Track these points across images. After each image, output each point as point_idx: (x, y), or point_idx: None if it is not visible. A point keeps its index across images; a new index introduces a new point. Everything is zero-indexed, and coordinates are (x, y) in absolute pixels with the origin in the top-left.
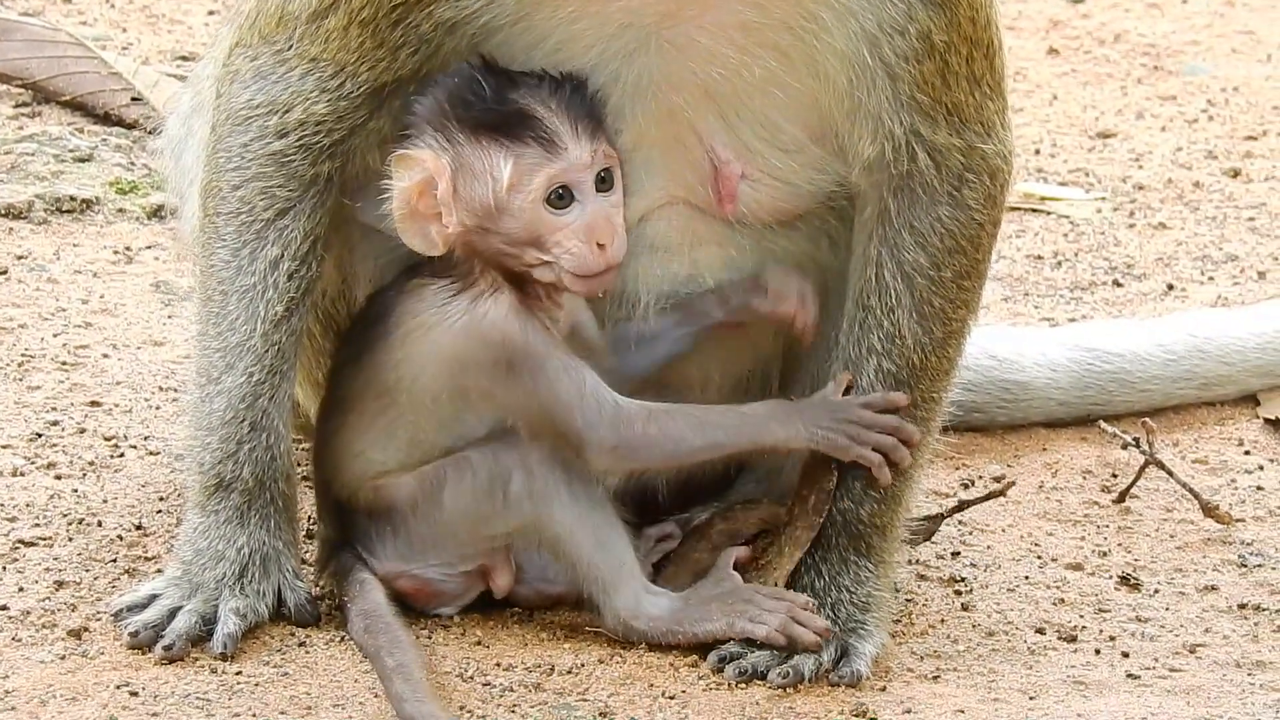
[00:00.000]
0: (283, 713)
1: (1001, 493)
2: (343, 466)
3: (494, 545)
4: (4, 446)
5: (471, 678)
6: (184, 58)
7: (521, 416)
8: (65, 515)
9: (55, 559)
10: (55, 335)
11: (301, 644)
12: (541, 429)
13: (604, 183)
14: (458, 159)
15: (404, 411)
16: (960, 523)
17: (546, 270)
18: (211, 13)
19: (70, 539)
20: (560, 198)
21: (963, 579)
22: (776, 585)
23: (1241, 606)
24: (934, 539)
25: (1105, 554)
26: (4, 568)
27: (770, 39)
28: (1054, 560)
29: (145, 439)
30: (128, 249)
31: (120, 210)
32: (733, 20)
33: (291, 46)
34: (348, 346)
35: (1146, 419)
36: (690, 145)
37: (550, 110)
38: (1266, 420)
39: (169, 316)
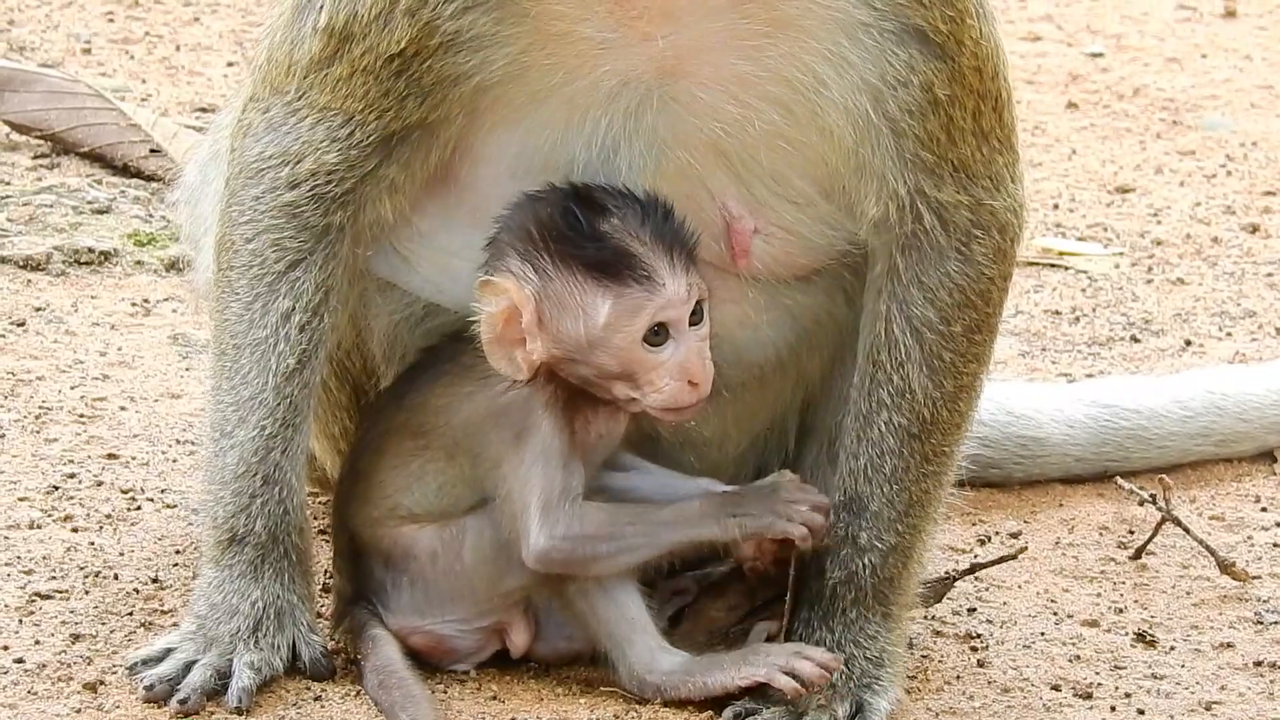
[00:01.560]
0: None
1: (1014, 556)
2: (369, 504)
3: (510, 601)
4: (21, 499)
5: None
6: (203, 109)
7: (504, 489)
8: (82, 568)
9: (71, 612)
10: (73, 387)
11: (317, 698)
12: (506, 508)
13: (695, 316)
14: (546, 290)
15: (435, 456)
16: (976, 579)
17: (631, 403)
18: (230, 64)
19: (86, 592)
20: (656, 334)
21: (978, 635)
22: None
23: (1258, 664)
24: (950, 595)
25: (1121, 610)
26: (20, 620)
27: (770, 93)
28: (1070, 617)
29: (162, 492)
30: (145, 301)
31: (138, 262)
32: (730, 74)
33: (302, 96)
34: (395, 385)
35: (1163, 475)
36: (702, 201)
37: (645, 244)
38: None
39: (186, 369)
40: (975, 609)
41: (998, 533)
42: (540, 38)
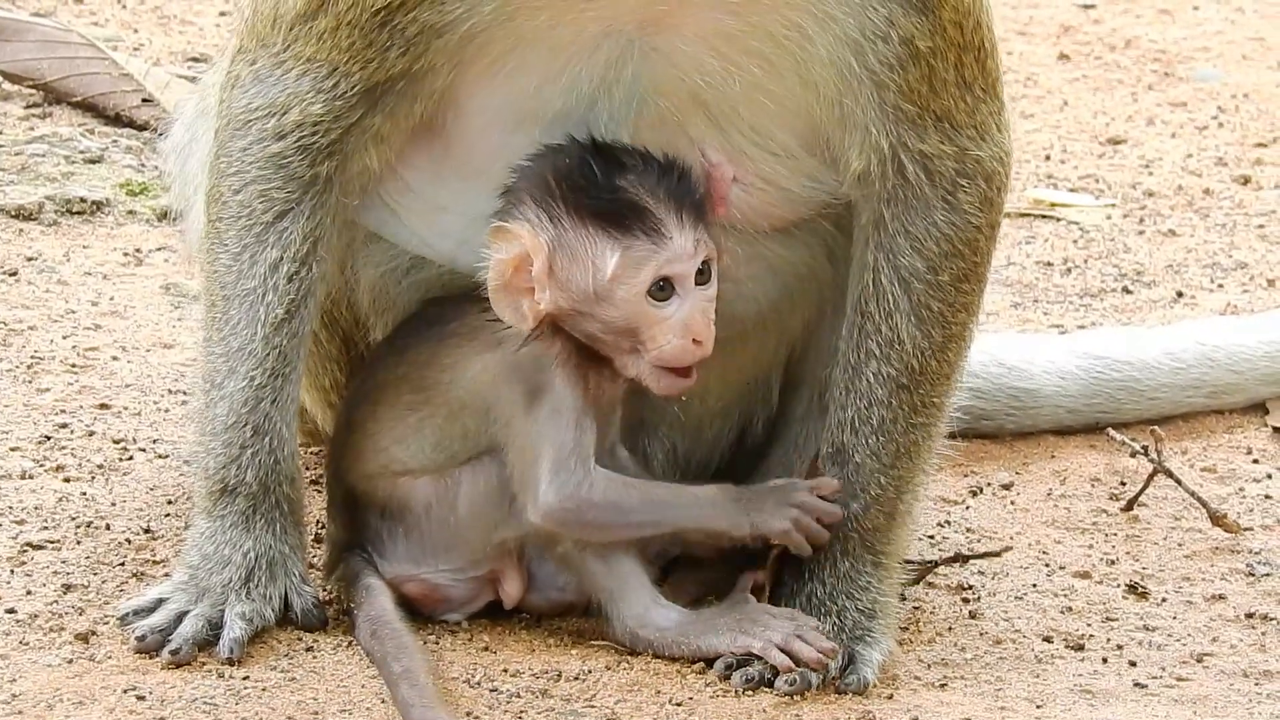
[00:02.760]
0: (289, 718)
1: (999, 554)
2: (364, 457)
3: (504, 551)
4: (13, 449)
5: (478, 684)
6: (195, 59)
7: (515, 444)
8: (73, 518)
9: (63, 562)
10: (65, 337)
11: (309, 649)
12: (517, 462)
13: (702, 275)
14: (559, 240)
15: (435, 413)
16: (968, 530)
17: (631, 363)
18: (223, 14)
19: (78, 542)
20: (662, 289)
21: (970, 587)
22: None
23: (1249, 616)
24: (942, 547)
25: (1113, 562)
26: (12, 571)
27: (754, 47)
28: (1062, 568)
29: (154, 442)
30: (137, 251)
31: (130, 212)
32: (713, 28)
33: (287, 48)
34: (395, 338)
35: (1155, 427)
36: (682, 150)
37: (658, 199)
38: (1275, 429)
39: (178, 319)
40: (967, 560)
41: (989, 484)
42: None
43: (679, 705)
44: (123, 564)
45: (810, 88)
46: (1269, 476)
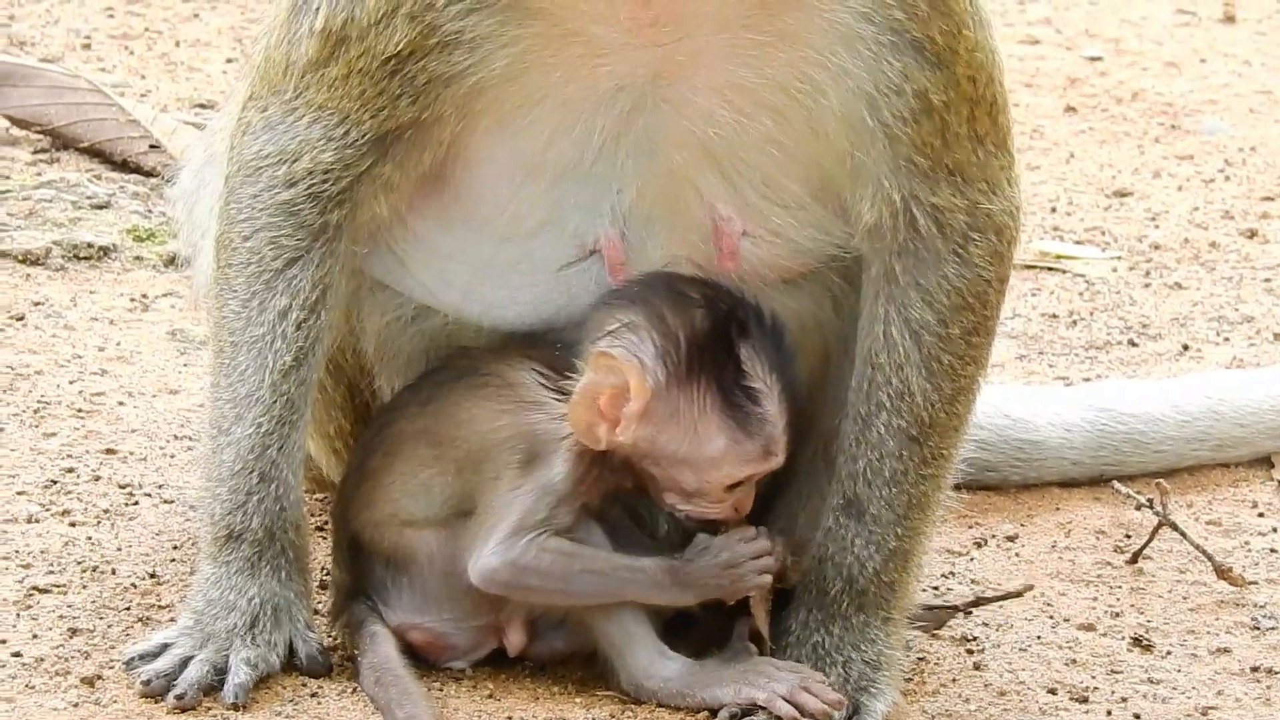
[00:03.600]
0: None
1: (1019, 594)
2: (374, 506)
3: (506, 604)
4: (19, 493)
5: None
6: (202, 105)
7: (488, 502)
8: (79, 563)
9: (69, 606)
10: (71, 382)
11: (313, 694)
12: (481, 517)
13: None
14: (667, 394)
15: (447, 469)
16: (973, 581)
17: (669, 500)
18: (230, 60)
19: (84, 586)
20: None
21: (975, 638)
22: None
23: (1254, 669)
24: (946, 598)
25: (1118, 615)
26: (18, 614)
27: (766, 99)
28: (1066, 620)
29: (160, 487)
30: (144, 296)
31: (137, 258)
32: (726, 80)
33: (299, 95)
34: (420, 388)
35: (1160, 480)
36: (691, 203)
37: (777, 412)
38: None
39: (184, 364)
40: (971, 611)
41: (994, 535)
42: (543, 39)
43: None
44: (128, 608)
45: (822, 140)
46: (1275, 530)
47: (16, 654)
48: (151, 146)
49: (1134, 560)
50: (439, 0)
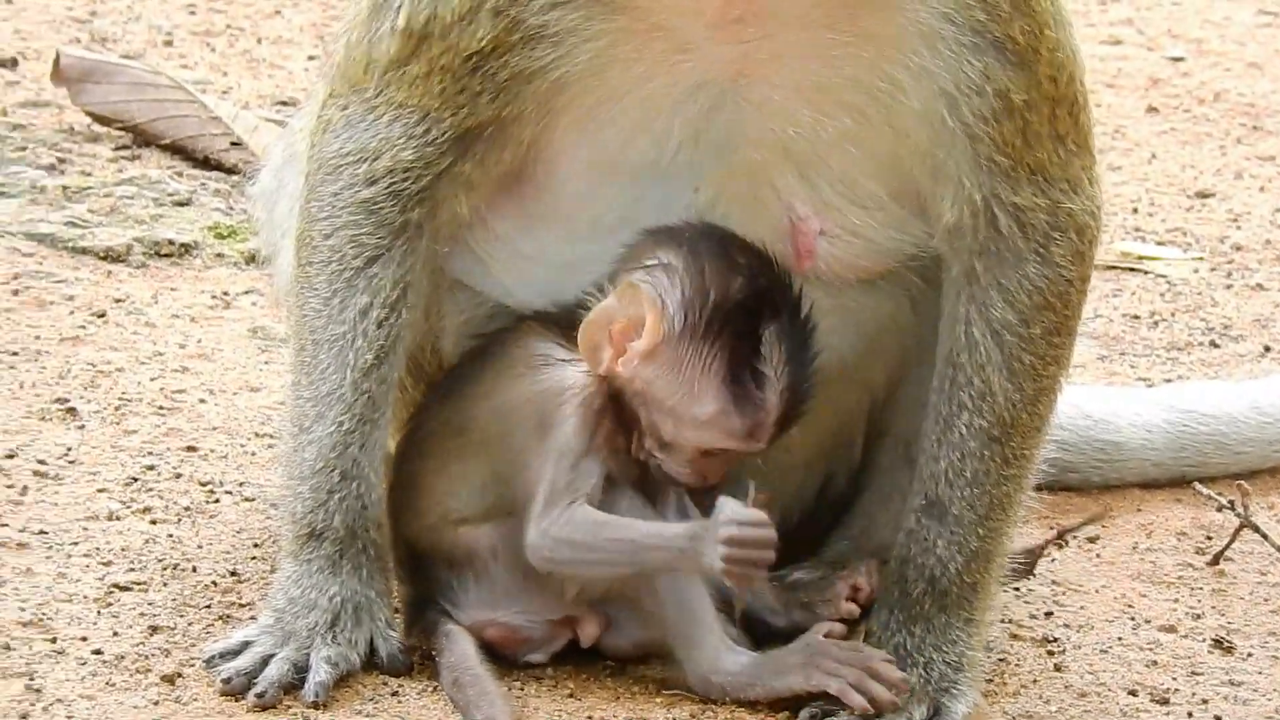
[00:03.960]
0: None
1: (1099, 518)
2: (423, 511)
3: (575, 597)
4: (100, 490)
5: None
6: (284, 103)
7: (524, 477)
8: (160, 560)
9: (150, 604)
10: (152, 379)
11: (394, 693)
12: (526, 497)
13: None
14: (678, 341)
15: (478, 452)
16: (1054, 583)
17: (648, 449)
18: (311, 58)
19: (165, 584)
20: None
21: (1055, 639)
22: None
23: None
24: (1027, 599)
25: (1199, 616)
26: (99, 612)
27: (846, 99)
28: (1147, 622)
29: (241, 485)
30: (225, 294)
31: (218, 255)
32: (806, 79)
33: (379, 93)
34: (438, 386)
35: (1242, 481)
36: (768, 201)
37: (777, 403)
38: None
39: (265, 362)
40: (1052, 613)
41: (1075, 536)
42: (627, 34)
43: None
44: (209, 606)
45: (902, 139)
46: None
47: (97, 651)
48: (233, 143)
49: (1215, 562)
50: None
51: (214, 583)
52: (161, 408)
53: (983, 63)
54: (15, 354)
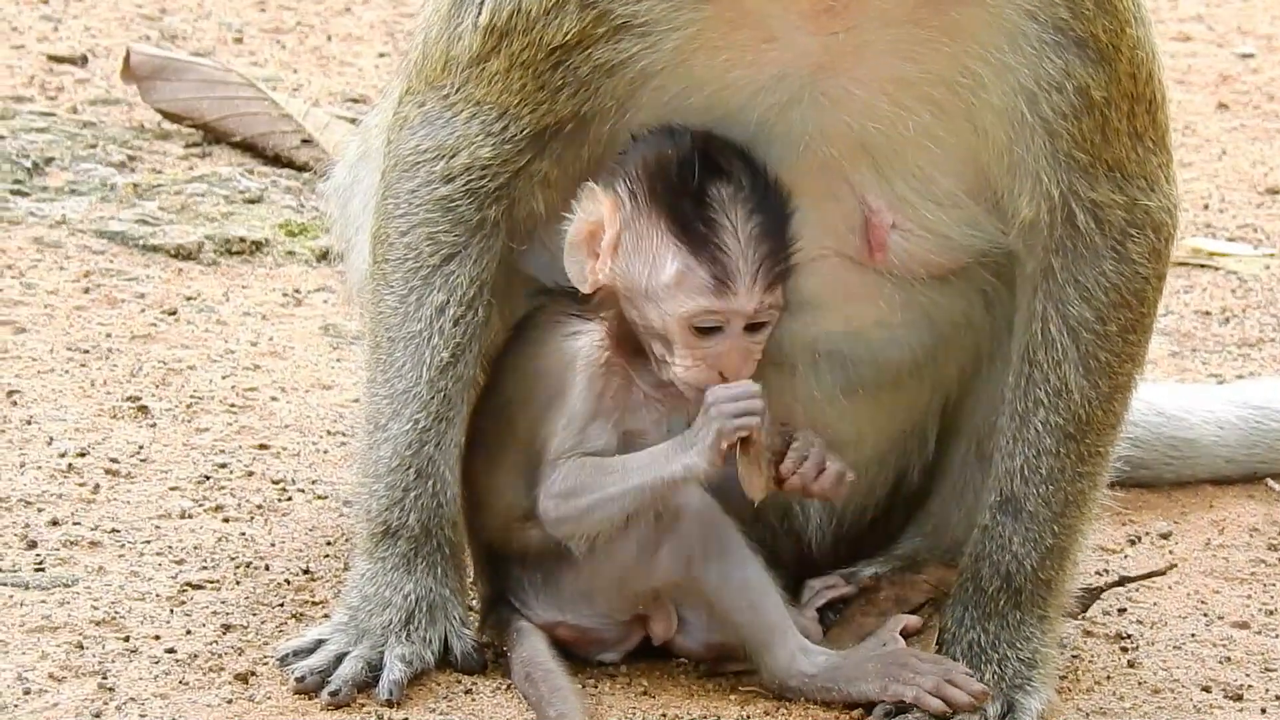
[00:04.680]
0: None
1: (1162, 572)
2: (490, 509)
3: (645, 600)
4: (172, 489)
5: None
6: (354, 100)
7: (540, 447)
8: (233, 559)
9: (222, 602)
10: (224, 377)
11: (468, 691)
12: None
13: (757, 327)
14: (632, 223)
15: (514, 440)
16: (1127, 578)
17: (662, 366)
18: (382, 55)
19: (238, 582)
20: (707, 327)
21: (1129, 635)
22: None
23: None
24: (1100, 595)
25: (1272, 612)
26: (171, 610)
27: (926, 93)
28: (1220, 618)
29: (313, 483)
30: (296, 291)
31: (289, 253)
32: (888, 74)
33: (457, 90)
34: (487, 378)
35: None
36: (843, 196)
37: (739, 243)
38: None
39: (337, 360)
40: (1125, 609)
41: (1147, 533)
42: (715, 22)
43: None
44: (282, 604)
45: (981, 134)
46: None
47: (170, 650)
48: (304, 141)
49: None
50: None
51: (287, 581)
52: (233, 405)
53: (1064, 59)
54: (87, 352)
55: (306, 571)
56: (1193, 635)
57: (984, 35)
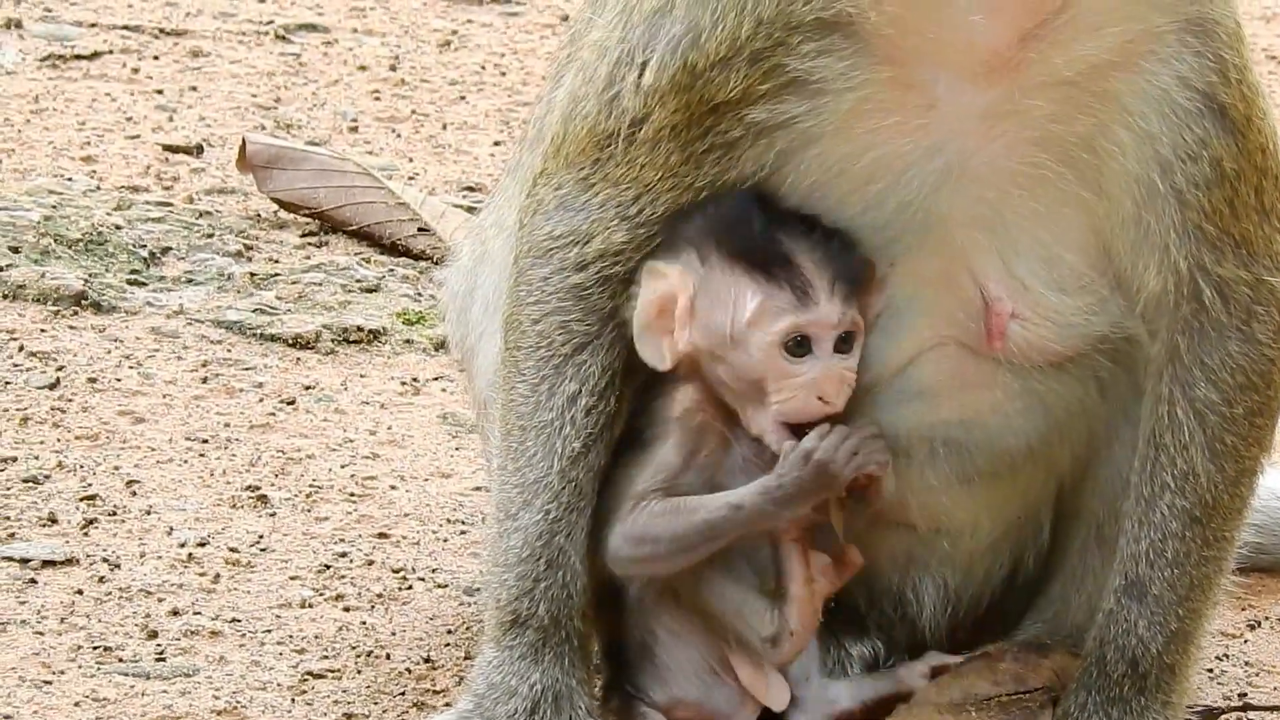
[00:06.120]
0: None
1: None
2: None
3: (739, 665)
4: (292, 578)
5: None
6: (470, 188)
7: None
8: (354, 647)
9: (344, 691)
10: (343, 466)
11: None
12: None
13: (845, 343)
14: (705, 281)
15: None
16: (1246, 664)
17: (755, 416)
18: (497, 143)
19: (359, 671)
20: (799, 345)
21: None
22: None
23: None
24: (1220, 680)
25: None
26: (293, 700)
27: (1069, 159)
28: None
29: (433, 571)
30: (415, 380)
31: (407, 341)
32: (1039, 136)
33: (597, 168)
34: None
35: None
36: (963, 283)
37: (813, 262)
38: None
39: (456, 448)
40: (1246, 694)
41: (1268, 618)
42: (888, 85)
43: None
44: (403, 693)
45: (1111, 204)
46: None
47: None
48: (420, 229)
49: None
50: (794, 38)
51: (408, 670)
52: (352, 494)
53: (1203, 128)
54: (205, 441)
55: (427, 660)
56: None
57: (1134, 103)
